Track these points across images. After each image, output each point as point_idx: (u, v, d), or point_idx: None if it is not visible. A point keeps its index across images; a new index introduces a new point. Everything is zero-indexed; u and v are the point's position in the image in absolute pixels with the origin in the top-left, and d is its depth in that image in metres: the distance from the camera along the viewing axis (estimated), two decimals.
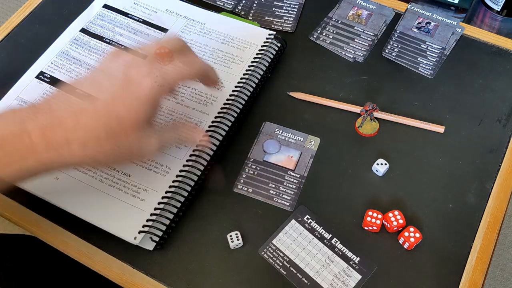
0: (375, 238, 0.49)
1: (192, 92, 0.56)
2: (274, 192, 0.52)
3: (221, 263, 0.48)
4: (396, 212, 0.48)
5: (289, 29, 0.63)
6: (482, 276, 0.47)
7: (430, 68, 0.59)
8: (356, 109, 0.56)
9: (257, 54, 0.58)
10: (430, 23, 0.63)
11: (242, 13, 0.65)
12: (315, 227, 0.49)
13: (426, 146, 0.54)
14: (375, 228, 0.49)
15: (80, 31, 0.62)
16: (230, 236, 0.49)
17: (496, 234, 0.49)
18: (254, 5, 0.65)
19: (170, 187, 0.49)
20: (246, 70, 0.57)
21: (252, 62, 0.58)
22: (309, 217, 0.50)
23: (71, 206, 0.49)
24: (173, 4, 0.64)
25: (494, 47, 0.61)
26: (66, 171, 0.51)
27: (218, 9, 0.65)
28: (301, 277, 0.47)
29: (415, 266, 0.47)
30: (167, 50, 0.58)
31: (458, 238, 0.49)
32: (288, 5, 0.65)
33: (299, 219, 0.50)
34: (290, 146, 0.54)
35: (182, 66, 0.44)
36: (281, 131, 0.55)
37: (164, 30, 0.61)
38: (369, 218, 0.48)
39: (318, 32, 0.63)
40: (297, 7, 0.65)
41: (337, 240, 0.49)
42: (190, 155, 0.51)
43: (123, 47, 0.60)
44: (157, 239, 0.47)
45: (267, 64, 0.59)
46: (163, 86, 0.42)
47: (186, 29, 0.61)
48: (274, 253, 0.48)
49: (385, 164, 0.52)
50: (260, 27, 0.61)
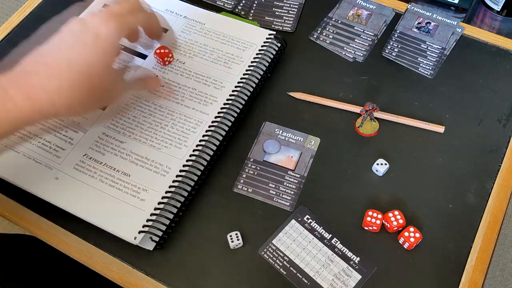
0: (375, 238, 0.49)
1: (192, 92, 0.56)
2: (274, 192, 0.52)
3: (221, 263, 0.48)
4: (396, 212, 0.48)
5: (289, 29, 0.63)
6: (482, 276, 0.47)
7: (430, 68, 0.59)
8: (356, 109, 0.56)
9: (257, 54, 0.58)
10: (430, 23, 0.63)
11: (242, 13, 0.65)
12: (315, 227, 0.49)
13: (426, 146, 0.54)
14: (375, 228, 0.49)
15: None
16: (230, 236, 0.49)
17: (496, 234, 0.49)
18: (254, 5, 0.65)
19: (170, 187, 0.49)
20: (246, 70, 0.57)
21: (252, 62, 0.58)
22: (309, 217, 0.50)
23: (71, 206, 0.49)
24: (173, 4, 0.64)
25: (494, 47, 0.61)
26: (66, 171, 0.51)
27: (218, 9, 0.65)
28: (301, 277, 0.47)
29: (415, 266, 0.47)
30: (167, 50, 0.58)
31: (458, 238, 0.49)
32: (288, 5, 0.65)
33: (299, 219, 0.50)
34: (290, 146, 0.54)
35: (134, 11, 0.49)
36: (281, 131, 0.55)
37: (164, 30, 0.61)
38: (369, 218, 0.48)
39: (318, 32, 0.63)
40: (297, 7, 0.65)
41: (337, 240, 0.49)
42: (190, 155, 0.51)
43: (123, 47, 0.60)
44: (157, 239, 0.47)
45: (267, 64, 0.59)
46: (120, 29, 0.46)
47: (186, 29, 0.61)
48: (274, 253, 0.48)
49: (385, 164, 0.52)
50: (260, 27, 0.61)
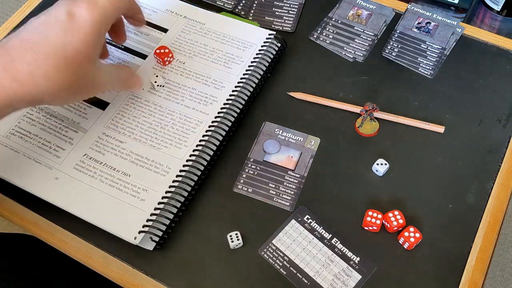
0: (375, 238, 0.49)
1: (192, 92, 0.56)
2: (274, 192, 0.52)
3: (221, 263, 0.48)
4: (396, 212, 0.48)
5: (289, 29, 0.63)
6: (482, 276, 0.47)
7: (430, 68, 0.59)
8: (356, 109, 0.56)
9: (257, 54, 0.58)
10: (430, 23, 0.63)
11: (242, 13, 0.65)
12: (315, 227, 0.49)
13: (426, 146, 0.54)
14: (375, 228, 0.49)
15: None
16: (230, 236, 0.48)
17: (496, 234, 0.49)
18: (254, 5, 0.65)
19: (170, 187, 0.49)
20: (246, 70, 0.57)
21: (252, 62, 0.58)
22: (309, 217, 0.50)
23: (71, 206, 0.49)
24: (173, 4, 0.64)
25: (494, 47, 0.61)
26: (66, 171, 0.51)
27: (218, 9, 0.65)
28: (301, 277, 0.47)
29: (415, 266, 0.47)
30: (167, 50, 0.58)
31: (458, 238, 0.49)
32: (288, 5, 0.65)
33: (299, 219, 0.50)
34: (290, 146, 0.54)
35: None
36: (281, 131, 0.55)
37: (164, 30, 0.61)
38: (369, 218, 0.48)
39: (318, 32, 0.63)
40: (297, 7, 0.65)
41: (337, 240, 0.49)
42: (190, 155, 0.51)
43: (123, 47, 0.60)
44: (157, 239, 0.47)
45: (267, 64, 0.59)
46: (103, 18, 0.45)
47: (186, 29, 0.61)
48: (274, 253, 0.48)
49: (385, 164, 0.52)
50: (260, 27, 0.61)
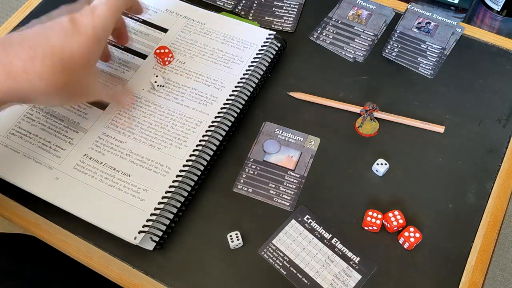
0: (375, 238, 0.49)
1: (192, 92, 0.56)
2: (274, 192, 0.52)
3: (221, 263, 0.48)
4: (396, 212, 0.48)
5: (289, 29, 0.63)
6: (482, 276, 0.47)
7: (430, 68, 0.59)
8: (356, 109, 0.56)
9: (257, 54, 0.58)
10: (430, 23, 0.63)
11: (242, 13, 0.65)
12: (315, 227, 0.49)
13: (426, 146, 0.54)
14: (375, 228, 0.49)
15: None
16: (230, 236, 0.48)
17: (496, 234, 0.49)
18: (254, 5, 0.65)
19: (170, 187, 0.49)
20: (246, 70, 0.57)
21: (252, 62, 0.58)
22: (309, 217, 0.50)
23: (71, 206, 0.49)
24: (173, 4, 0.64)
25: (494, 47, 0.61)
26: (66, 171, 0.51)
27: (218, 9, 0.65)
28: (301, 277, 0.47)
29: (415, 266, 0.47)
30: (167, 50, 0.58)
31: (458, 238, 0.49)
32: (288, 5, 0.65)
33: (299, 219, 0.50)
34: (290, 146, 0.54)
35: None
36: (281, 131, 0.55)
37: (164, 30, 0.61)
38: (369, 218, 0.48)
39: (318, 32, 0.63)
40: (297, 7, 0.65)
41: (337, 240, 0.49)
42: (190, 155, 0.51)
43: (123, 47, 0.60)
44: (157, 239, 0.47)
45: (267, 64, 0.59)
46: (104, 25, 0.46)
47: (186, 29, 0.61)
48: (274, 253, 0.48)
49: (385, 164, 0.52)
50: (260, 27, 0.61)
